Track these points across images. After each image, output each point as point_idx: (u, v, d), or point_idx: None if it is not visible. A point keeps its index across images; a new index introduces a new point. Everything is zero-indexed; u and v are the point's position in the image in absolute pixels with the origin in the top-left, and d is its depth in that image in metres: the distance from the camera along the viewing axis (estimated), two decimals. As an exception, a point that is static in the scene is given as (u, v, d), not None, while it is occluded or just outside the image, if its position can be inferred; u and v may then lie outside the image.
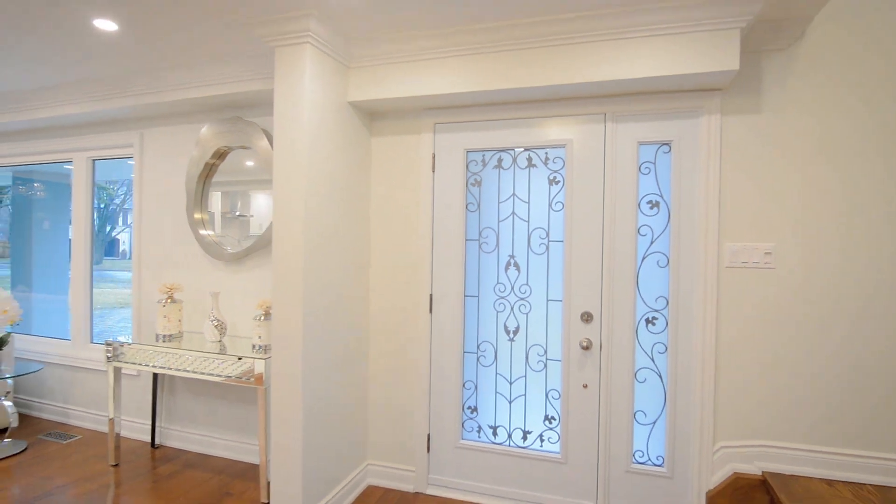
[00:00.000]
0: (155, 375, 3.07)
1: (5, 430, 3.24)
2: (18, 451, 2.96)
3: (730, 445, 2.20)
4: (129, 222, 6.01)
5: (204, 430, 3.01)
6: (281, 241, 2.12)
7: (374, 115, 2.67)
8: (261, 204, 2.92)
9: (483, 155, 2.56)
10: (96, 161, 3.47)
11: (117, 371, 2.78)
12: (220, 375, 2.48)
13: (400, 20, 2.13)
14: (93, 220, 3.48)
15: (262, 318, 2.57)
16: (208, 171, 2.96)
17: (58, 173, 4.91)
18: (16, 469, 2.75)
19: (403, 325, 2.63)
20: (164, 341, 2.73)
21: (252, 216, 2.93)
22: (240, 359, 2.44)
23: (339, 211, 2.36)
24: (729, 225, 2.19)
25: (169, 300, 2.81)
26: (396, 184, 2.64)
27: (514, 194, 2.52)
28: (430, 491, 2.59)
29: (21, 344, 3.61)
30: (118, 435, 2.82)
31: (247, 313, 2.92)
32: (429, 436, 2.61)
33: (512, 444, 2.52)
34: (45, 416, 3.52)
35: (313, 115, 2.13)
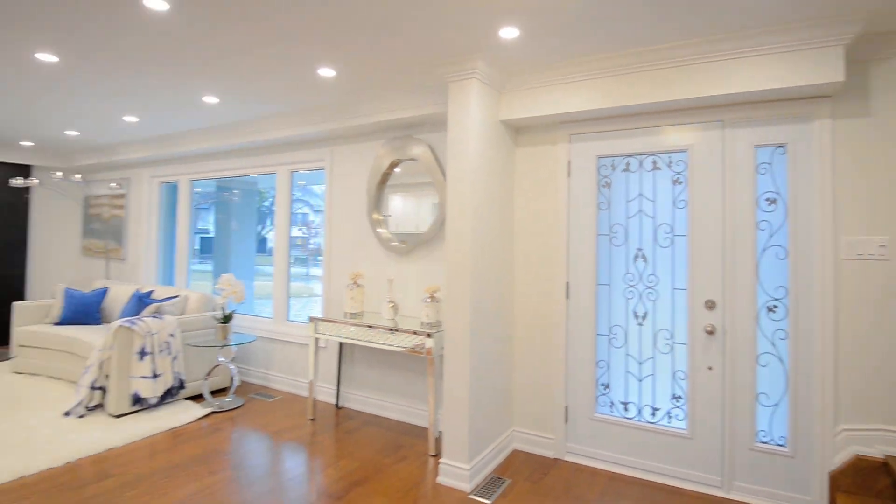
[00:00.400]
0: (340, 347, 4.07)
1: (226, 389, 4.50)
2: (239, 405, 4.13)
3: (851, 429, 2.47)
4: (274, 223, 7.48)
5: (377, 395, 3.93)
6: (453, 238, 2.86)
7: (518, 130, 3.34)
8: (417, 207, 3.75)
9: (613, 160, 3.09)
10: (293, 172, 4.62)
11: (317, 342, 3.79)
12: (398, 346, 3.33)
13: (545, 56, 2.77)
14: (290, 221, 4.63)
15: (429, 300, 3.37)
16: (384, 179, 3.88)
17: (247, 181, 6.39)
18: (242, 417, 3.89)
19: (543, 310, 3.25)
20: (351, 318, 3.68)
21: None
22: (415, 333, 3.26)
23: (494, 211, 3.05)
24: (844, 219, 2.49)
25: (355, 285, 3.76)
26: (536, 187, 3.27)
27: (640, 194, 3.01)
28: (568, 458, 3.17)
29: (234, 320, 4.92)
30: (316, 399, 3.84)
31: (413, 297, 3.76)
32: (566, 408, 3.19)
33: (642, 418, 3.00)
34: (251, 380, 4.78)
35: (477, 133, 2.85)
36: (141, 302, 4.48)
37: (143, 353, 3.80)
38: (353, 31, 2.49)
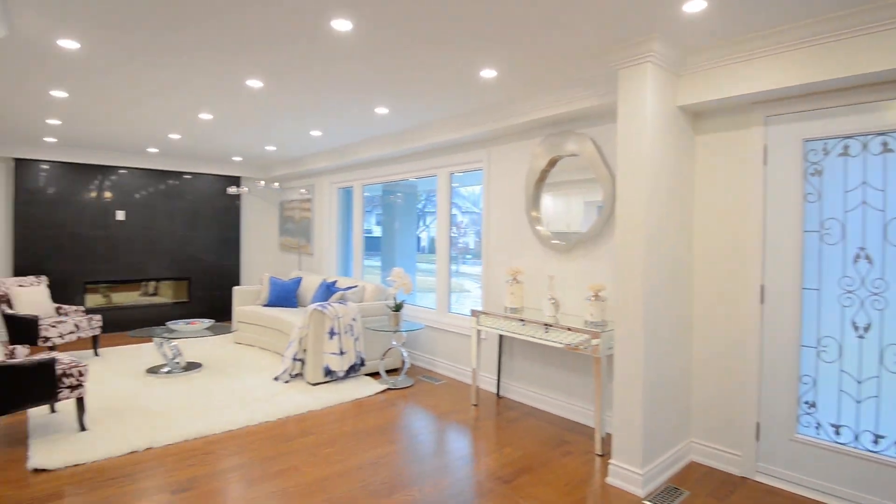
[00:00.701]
0: (500, 339, 4.19)
1: (398, 369, 4.94)
2: (409, 385, 4.49)
3: None
4: (426, 223, 7.91)
5: (537, 389, 3.97)
6: (624, 236, 2.75)
7: (698, 116, 3.07)
8: (577, 204, 3.68)
9: (824, 143, 2.65)
10: (452, 174, 4.89)
11: (479, 333, 3.96)
12: (559, 343, 3.32)
13: (734, 29, 2.50)
14: (451, 220, 4.91)
15: (593, 299, 3.30)
16: (542, 177, 3.89)
17: (408, 185, 6.94)
18: (413, 396, 4.23)
19: (728, 313, 2.95)
20: (511, 313, 3.77)
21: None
22: (578, 331, 3.21)
23: (669, 206, 2.86)
24: None
25: (514, 281, 3.84)
26: (721, 177, 2.97)
27: (864, 182, 2.53)
28: (758, 478, 2.84)
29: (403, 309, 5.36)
30: (478, 387, 4.01)
31: (573, 294, 3.71)
32: (758, 424, 2.85)
33: (860, 446, 2.55)
34: (419, 363, 5.17)
35: (651, 122, 2.69)
36: (328, 290, 5.14)
37: (332, 333, 4.37)
38: (517, 27, 2.51)
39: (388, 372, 4.84)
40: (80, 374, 3.17)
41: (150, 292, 7.25)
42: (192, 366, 4.80)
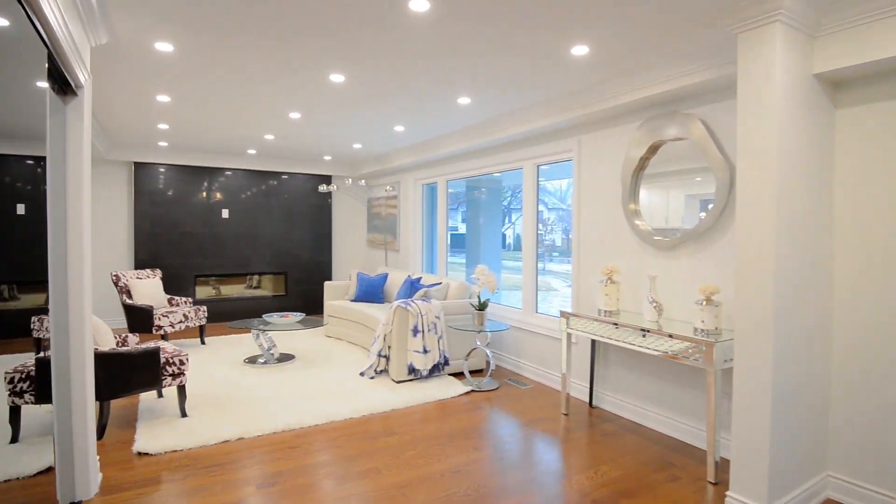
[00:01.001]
0: (593, 344, 3.87)
1: (482, 370, 4.77)
2: (494, 388, 4.30)
3: None
4: (511, 220, 7.64)
5: (635, 401, 3.60)
6: (746, 231, 2.34)
7: (839, 85, 2.55)
8: (683, 195, 3.24)
9: None
10: (538, 166, 4.62)
11: (569, 337, 3.67)
12: (661, 351, 2.94)
13: (904, -28, 2.00)
14: (537, 215, 4.64)
15: (704, 303, 2.88)
16: (641, 165, 3.50)
17: (492, 180, 6.73)
18: (498, 400, 4.03)
19: (884, 326, 2.42)
20: (605, 316, 3.43)
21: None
22: (690, 339, 2.82)
23: (803, 195, 2.39)
24: None
25: (609, 281, 3.50)
26: (874, 156, 2.44)
27: None
28: (921, 527, 2.30)
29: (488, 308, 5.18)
30: (569, 394, 3.72)
31: (679, 297, 3.30)
32: (921, 459, 2.31)
33: None
34: (504, 365, 4.97)
35: (780, 93, 2.25)
36: (412, 286, 5.09)
37: (415, 331, 4.30)
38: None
39: (472, 373, 4.68)
40: (182, 363, 3.35)
41: (253, 285, 7.74)
42: (285, 357, 4.99)
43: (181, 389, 3.41)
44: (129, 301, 5.15)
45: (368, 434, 3.28)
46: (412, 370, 4.27)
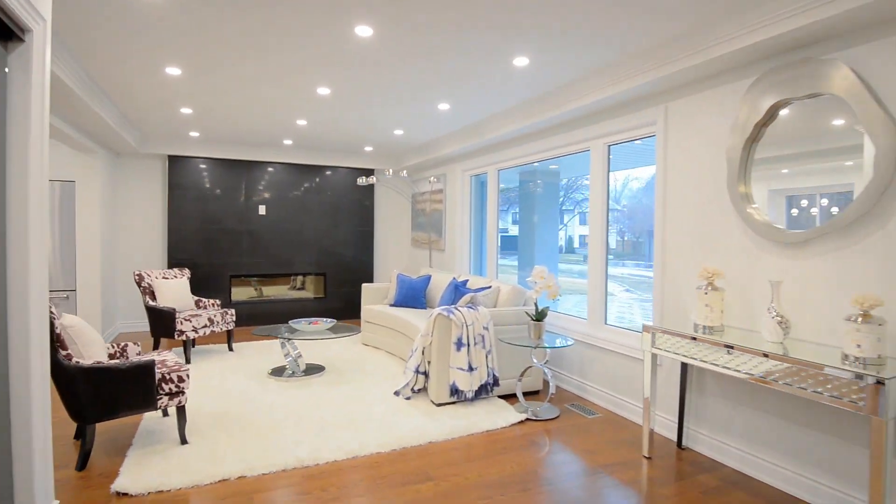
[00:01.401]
0: (684, 369, 3.04)
1: (539, 392, 4.02)
2: (554, 416, 3.53)
3: None
4: (565, 222, 6.79)
5: (743, 444, 2.74)
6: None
7: None
8: (820, 170, 2.36)
9: None
10: (611, 146, 3.82)
11: (654, 358, 2.86)
12: (789, 384, 2.10)
13: None
14: (607, 204, 3.85)
15: (861, 320, 2.03)
16: (754, 135, 2.65)
17: (549, 173, 5.94)
18: (559, 432, 3.27)
19: None
20: (704, 332, 2.61)
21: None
22: (837, 370, 1.98)
23: None
24: None
25: (710, 287, 2.67)
26: None
27: None
28: None
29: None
30: (652, 430, 2.92)
31: (812, 311, 2.43)
32: None
33: None
34: (565, 385, 4.19)
35: None
36: (457, 290, 4.42)
37: (459, 344, 3.62)
38: None
39: (527, 395, 3.94)
40: (181, 381, 2.84)
41: (297, 286, 7.34)
42: (313, 369, 4.45)
43: (181, 411, 2.89)
44: (151, 303, 4.78)
45: (397, 477, 2.63)
46: (455, 391, 3.59)
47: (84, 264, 5.27)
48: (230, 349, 5.23)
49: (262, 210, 6.79)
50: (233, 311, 5.14)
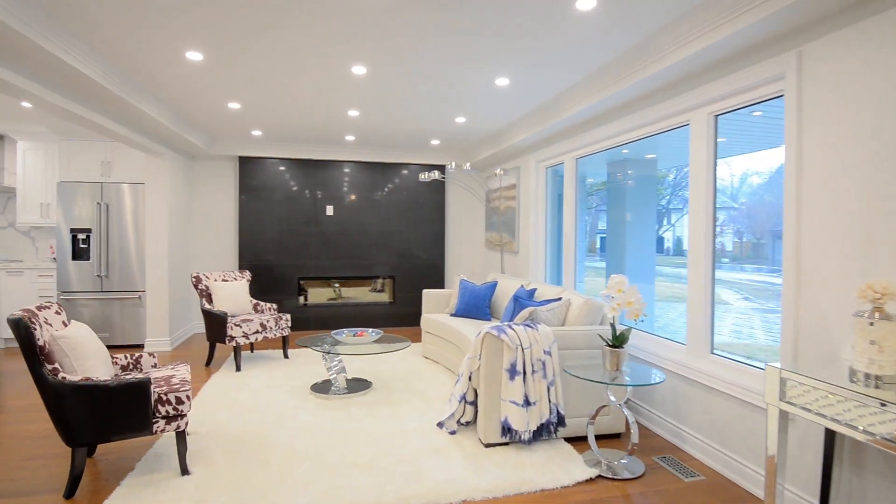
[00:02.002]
0: (828, 433, 2.09)
1: (618, 435, 3.19)
2: (637, 474, 2.70)
3: None
4: (671, 222, 5.64)
5: (940, 565, 1.77)
6: None
7: None
8: None
9: None
10: (718, 116, 2.89)
11: (783, 416, 1.97)
12: None
13: None
14: (714, 199, 2.93)
15: None
16: (963, 79, 1.67)
17: (644, 164, 4.96)
18: (643, 499, 2.46)
19: None
20: (865, 383, 1.69)
21: None
22: None
23: None
24: None
25: (877, 314, 1.74)
26: None
27: None
28: None
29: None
30: (776, 508, 2.03)
31: None
32: None
33: None
34: (654, 428, 3.31)
35: None
36: (517, 302, 3.72)
37: (513, 371, 2.93)
38: None
39: (602, 438, 3.14)
40: (180, 402, 2.49)
41: (377, 288, 7.08)
42: (358, 385, 4.01)
43: (180, 437, 2.55)
44: (207, 306, 4.66)
45: (411, 548, 2.03)
46: (507, 430, 2.91)
47: (153, 265, 5.34)
48: (285, 356, 4.99)
49: (329, 210, 6.58)
50: (288, 316, 4.89)
